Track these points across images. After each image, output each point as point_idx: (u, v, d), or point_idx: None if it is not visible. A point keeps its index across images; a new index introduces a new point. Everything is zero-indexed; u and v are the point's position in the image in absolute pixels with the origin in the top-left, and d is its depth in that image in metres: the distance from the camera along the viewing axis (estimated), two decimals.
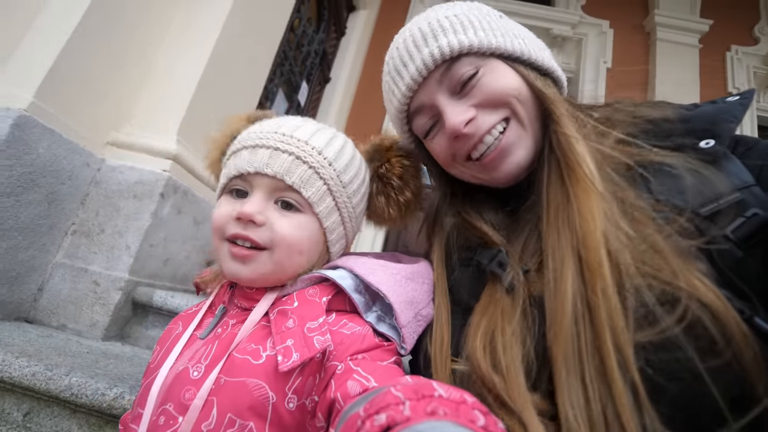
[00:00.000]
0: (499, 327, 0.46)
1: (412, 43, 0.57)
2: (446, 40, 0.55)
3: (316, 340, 0.48)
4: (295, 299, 0.53)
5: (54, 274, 1.16)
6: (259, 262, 0.52)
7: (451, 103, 0.56)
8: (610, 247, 0.42)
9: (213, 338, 0.53)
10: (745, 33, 3.89)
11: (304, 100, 3.11)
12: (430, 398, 0.30)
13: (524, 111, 0.55)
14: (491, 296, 0.50)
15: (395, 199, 0.65)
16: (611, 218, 0.44)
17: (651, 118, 0.52)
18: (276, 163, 0.52)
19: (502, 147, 0.55)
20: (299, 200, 0.54)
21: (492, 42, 0.55)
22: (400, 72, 0.59)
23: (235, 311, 0.57)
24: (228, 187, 0.57)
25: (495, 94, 0.54)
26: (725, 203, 0.41)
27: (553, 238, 0.47)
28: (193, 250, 1.48)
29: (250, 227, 0.52)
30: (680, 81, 3.56)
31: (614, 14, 3.95)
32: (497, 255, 0.53)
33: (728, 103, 0.50)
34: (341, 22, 3.49)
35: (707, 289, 0.37)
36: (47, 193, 1.09)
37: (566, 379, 0.38)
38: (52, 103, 1.07)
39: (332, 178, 0.56)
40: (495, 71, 0.55)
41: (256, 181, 0.53)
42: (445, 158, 0.61)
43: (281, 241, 0.52)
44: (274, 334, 0.49)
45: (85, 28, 1.12)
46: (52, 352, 0.92)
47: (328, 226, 0.57)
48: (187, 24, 1.46)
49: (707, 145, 0.46)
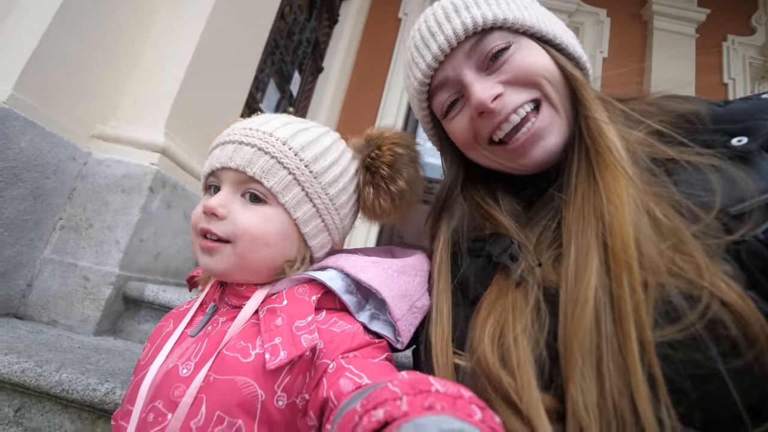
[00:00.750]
0: (509, 321, 0.44)
1: (443, 14, 0.55)
2: (480, 11, 0.53)
3: (304, 338, 0.48)
4: (284, 297, 0.53)
5: (43, 269, 1.15)
6: (223, 254, 0.53)
7: (479, 78, 0.54)
8: (639, 237, 0.40)
9: (203, 336, 0.53)
10: (742, 23, 3.87)
11: (296, 90, 3.06)
12: (427, 393, 0.30)
13: (556, 93, 0.53)
14: (500, 289, 0.49)
15: (385, 189, 0.60)
16: (641, 206, 0.42)
17: (681, 112, 0.50)
18: (239, 155, 0.53)
19: (536, 130, 0.52)
20: (263, 191, 0.54)
21: (527, 19, 0.53)
22: (427, 42, 0.56)
23: (225, 309, 0.57)
24: (206, 185, 0.58)
25: (526, 71, 0.52)
26: (757, 203, 0.39)
27: (577, 225, 0.45)
28: (184, 244, 1.48)
29: (214, 221, 0.53)
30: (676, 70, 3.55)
31: (612, 3, 3.91)
32: (509, 247, 0.51)
33: (763, 100, 0.48)
34: (334, 9, 3.43)
35: (730, 289, 0.35)
36: (32, 188, 1.07)
37: (581, 369, 0.37)
38: (33, 95, 1.05)
39: (298, 168, 0.54)
40: (527, 48, 0.54)
41: (224, 176, 0.54)
42: (465, 139, 0.58)
43: (244, 233, 0.52)
44: (263, 332, 0.49)
45: (65, 15, 1.09)
46: (43, 348, 0.91)
47: (299, 217, 0.55)
48: (174, 14, 1.42)
49: (740, 143, 0.44)
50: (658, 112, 0.51)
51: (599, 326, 0.38)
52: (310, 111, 3.35)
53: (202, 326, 0.55)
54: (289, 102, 3.00)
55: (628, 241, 0.40)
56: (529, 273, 0.47)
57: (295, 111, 3.07)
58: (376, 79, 3.72)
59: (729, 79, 3.66)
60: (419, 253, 0.64)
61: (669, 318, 0.36)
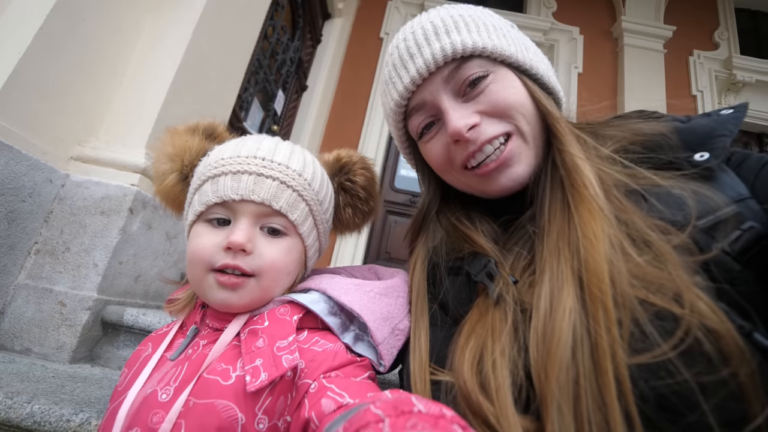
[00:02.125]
0: (488, 345, 0.44)
1: (422, 36, 0.54)
2: (460, 37, 0.53)
3: (285, 359, 0.47)
4: (266, 318, 0.53)
5: (16, 296, 1.11)
6: (247, 289, 0.52)
7: (456, 105, 0.54)
8: (613, 274, 0.40)
9: (183, 359, 0.52)
10: (706, 38, 4.09)
11: (280, 108, 3.08)
12: (409, 414, 0.30)
13: (529, 127, 0.53)
14: (481, 310, 0.49)
15: (361, 209, 0.68)
16: (616, 243, 0.42)
17: (648, 132, 0.51)
18: (262, 189, 0.52)
19: (504, 158, 0.53)
20: (285, 224, 0.55)
21: (505, 48, 0.54)
22: (405, 63, 0.56)
23: (206, 332, 0.55)
24: (205, 215, 0.55)
25: (503, 105, 0.53)
26: (722, 215, 0.40)
27: (552, 257, 0.45)
28: (165, 266, 1.45)
29: (240, 256, 0.51)
30: (647, 85, 3.71)
31: (584, 20, 4.10)
32: (486, 265, 0.51)
33: (722, 117, 0.49)
34: (317, 29, 3.50)
35: (706, 305, 0.36)
36: (6, 211, 1.04)
37: (558, 404, 0.36)
38: (9, 118, 1.03)
39: (312, 199, 0.57)
40: (504, 79, 0.54)
41: (242, 208, 0.52)
42: (440, 163, 0.59)
43: (271, 267, 0.53)
44: (244, 354, 0.48)
45: (45, 37, 1.09)
46: (14, 379, 0.87)
47: (309, 244, 0.59)
48: (156, 34, 1.43)
49: (702, 158, 0.45)
50: (628, 136, 0.53)
51: (576, 363, 0.38)
52: (295, 129, 3.37)
53: (182, 349, 0.54)
54: (274, 120, 3.01)
55: (603, 278, 0.40)
56: (507, 291, 0.47)
57: (279, 129, 3.08)
58: (359, 96, 3.78)
59: (697, 92, 3.84)
60: (402, 273, 0.64)
61: (644, 345, 0.36)
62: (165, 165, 0.61)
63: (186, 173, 0.60)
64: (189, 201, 0.58)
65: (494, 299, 0.48)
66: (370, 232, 3.49)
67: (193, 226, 0.56)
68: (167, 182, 0.61)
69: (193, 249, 0.53)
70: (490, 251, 0.53)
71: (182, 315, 0.60)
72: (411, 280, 0.60)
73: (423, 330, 0.53)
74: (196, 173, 0.58)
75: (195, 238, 0.54)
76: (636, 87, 3.69)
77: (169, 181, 0.60)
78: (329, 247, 3.61)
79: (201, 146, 0.61)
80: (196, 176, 0.57)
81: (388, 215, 3.60)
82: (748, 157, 0.47)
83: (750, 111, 3.50)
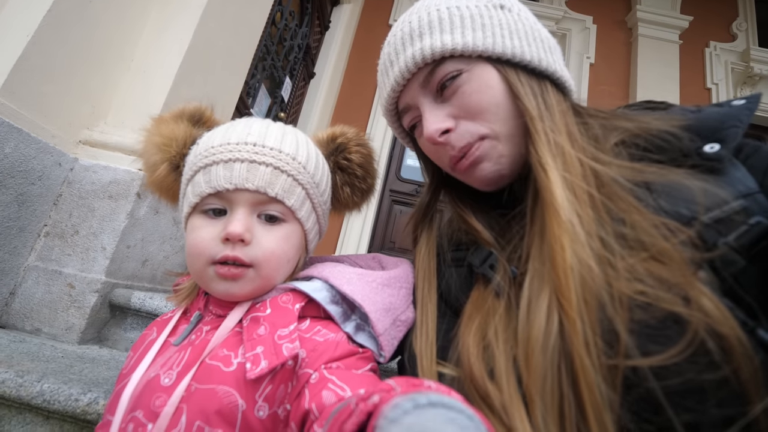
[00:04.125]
0: (491, 331, 0.44)
1: (400, 41, 0.55)
2: (429, 41, 0.52)
3: (285, 347, 0.47)
4: (268, 306, 0.52)
5: (27, 277, 1.13)
6: (248, 279, 0.52)
7: (432, 107, 0.54)
8: (585, 280, 0.39)
9: (186, 345, 0.52)
10: (723, 29, 3.97)
11: (287, 95, 3.06)
12: (420, 385, 0.30)
13: (504, 127, 0.52)
14: (482, 299, 0.49)
15: (359, 187, 0.66)
16: (594, 247, 0.41)
17: (653, 129, 0.49)
18: (256, 176, 0.51)
19: (473, 155, 0.53)
20: (282, 210, 0.53)
21: (478, 44, 0.51)
22: (387, 71, 0.57)
23: (210, 318, 0.56)
24: (200, 207, 0.53)
25: (474, 107, 0.51)
26: (729, 210, 0.39)
27: (533, 260, 0.45)
28: (172, 250, 1.46)
29: (239, 247, 0.51)
30: (661, 76, 3.63)
31: (598, 10, 3.99)
32: (489, 257, 0.51)
33: (734, 107, 0.47)
34: (325, 15, 3.45)
35: (710, 302, 0.35)
36: (16, 194, 1.05)
37: (542, 418, 0.36)
38: (19, 101, 1.04)
39: (308, 182, 0.55)
40: (479, 78, 0.52)
41: (237, 198, 0.51)
42: (433, 158, 0.60)
43: (270, 256, 0.52)
44: (245, 341, 0.48)
45: (53, 21, 1.08)
46: (24, 358, 0.89)
47: (308, 228, 0.58)
48: (164, 19, 1.42)
49: (712, 150, 0.44)
50: (634, 128, 0.50)
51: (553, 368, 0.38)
52: (302, 116, 3.36)
53: (185, 335, 0.54)
54: (281, 107, 2.99)
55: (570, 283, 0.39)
56: (506, 282, 0.47)
57: (286, 116, 3.07)
58: (367, 84, 3.74)
59: (712, 84, 3.74)
60: (406, 264, 0.64)
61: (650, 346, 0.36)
62: (155, 156, 0.59)
63: (177, 162, 0.59)
64: (183, 192, 0.57)
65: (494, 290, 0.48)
66: (374, 221, 3.49)
67: (189, 218, 0.55)
68: (159, 173, 0.59)
69: (192, 243, 0.52)
70: (491, 242, 0.53)
71: (186, 302, 0.61)
72: (419, 267, 0.60)
73: (430, 315, 0.53)
74: (187, 163, 0.56)
75: (192, 231, 0.53)
76: (649, 78, 3.60)
77: (161, 172, 0.59)
78: (334, 235, 3.61)
79: (188, 133, 0.59)
80: (187, 166, 0.56)
81: (393, 204, 3.60)
82: (758, 150, 0.45)
83: (764, 104, 3.40)
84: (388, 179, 3.65)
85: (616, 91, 3.28)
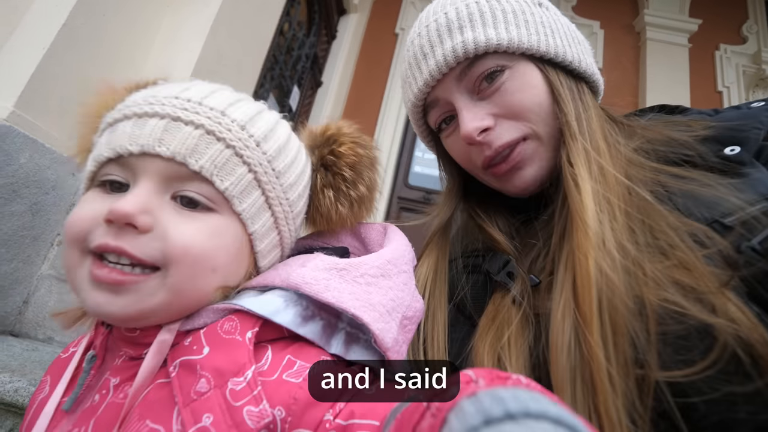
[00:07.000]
0: (506, 342, 0.43)
1: (435, 32, 0.52)
2: (472, 35, 0.49)
3: (247, 413, 0.30)
4: (203, 342, 0.35)
5: (39, 286, 1.14)
6: (142, 292, 0.34)
7: (470, 104, 0.51)
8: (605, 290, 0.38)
9: (88, 412, 0.35)
10: (733, 32, 3.93)
11: (295, 104, 3.09)
12: (507, 379, 0.24)
13: (546, 128, 0.50)
14: (499, 307, 0.47)
15: (345, 192, 0.48)
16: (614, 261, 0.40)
17: (671, 133, 0.48)
18: (175, 138, 0.35)
19: (514, 161, 0.51)
20: (210, 194, 0.37)
21: (524, 41, 0.49)
22: (419, 64, 0.54)
23: (119, 362, 0.38)
24: (98, 177, 0.38)
25: (518, 107, 0.49)
26: (751, 213, 0.38)
27: (560, 266, 0.43)
28: None
29: (128, 234, 0.33)
30: (670, 80, 3.59)
31: (605, 15, 3.98)
32: (507, 264, 0.50)
33: (753, 109, 0.47)
34: (332, 25, 3.49)
35: (737, 309, 0.34)
36: (31, 204, 1.07)
37: None
38: (34, 112, 1.06)
39: (261, 164, 0.40)
40: (523, 76, 0.50)
41: (143, 166, 0.35)
42: (462, 160, 0.57)
43: (182, 255, 0.34)
44: (181, 407, 0.31)
45: (67, 34, 1.11)
46: (37, 366, 0.89)
47: (256, 230, 0.40)
48: (174, 30, 1.45)
49: (732, 152, 0.43)
50: (656, 137, 0.50)
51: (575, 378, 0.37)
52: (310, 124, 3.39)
53: (76, 395, 0.37)
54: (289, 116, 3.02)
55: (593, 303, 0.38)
56: (525, 293, 0.46)
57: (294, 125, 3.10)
58: (374, 93, 3.76)
59: (723, 87, 3.70)
60: (395, 232, 0.50)
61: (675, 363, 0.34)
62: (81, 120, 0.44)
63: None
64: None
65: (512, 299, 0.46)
66: None
67: (85, 194, 0.39)
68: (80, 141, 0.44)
69: (67, 221, 0.36)
70: (509, 250, 0.52)
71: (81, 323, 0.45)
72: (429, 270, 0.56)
73: (441, 324, 0.50)
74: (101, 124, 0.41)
75: (76, 208, 0.37)
76: (658, 83, 3.57)
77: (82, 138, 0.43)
78: None
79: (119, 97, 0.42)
80: (100, 128, 0.41)
81: (401, 212, 3.59)
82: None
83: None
84: (396, 186, 3.65)
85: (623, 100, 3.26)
